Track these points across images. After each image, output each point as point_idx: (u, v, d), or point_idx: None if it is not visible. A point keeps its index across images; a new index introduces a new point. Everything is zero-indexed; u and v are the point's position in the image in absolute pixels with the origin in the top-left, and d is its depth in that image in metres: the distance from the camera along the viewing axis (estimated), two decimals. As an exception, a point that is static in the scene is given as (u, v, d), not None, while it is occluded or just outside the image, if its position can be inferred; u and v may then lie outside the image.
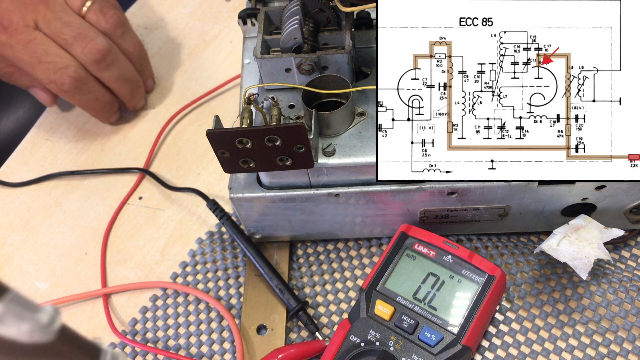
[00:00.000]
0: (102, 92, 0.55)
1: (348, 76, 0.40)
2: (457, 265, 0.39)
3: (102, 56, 0.52)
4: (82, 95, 0.54)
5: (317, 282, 0.46)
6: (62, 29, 0.52)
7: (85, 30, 0.52)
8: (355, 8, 0.39)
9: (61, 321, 0.18)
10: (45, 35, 0.52)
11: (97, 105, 0.56)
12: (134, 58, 0.57)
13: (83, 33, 0.52)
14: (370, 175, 0.40)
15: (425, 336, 0.37)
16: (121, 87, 0.56)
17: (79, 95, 0.54)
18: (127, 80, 0.56)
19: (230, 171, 0.39)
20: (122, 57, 0.55)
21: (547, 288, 0.43)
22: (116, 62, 0.54)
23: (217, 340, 0.44)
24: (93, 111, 0.57)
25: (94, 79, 0.54)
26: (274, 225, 0.45)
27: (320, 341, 0.42)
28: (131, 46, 0.57)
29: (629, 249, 0.44)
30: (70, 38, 0.52)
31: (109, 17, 0.54)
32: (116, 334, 0.45)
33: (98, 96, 0.55)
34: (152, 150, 0.57)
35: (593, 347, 0.40)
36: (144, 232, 0.52)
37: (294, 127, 0.35)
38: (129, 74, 0.56)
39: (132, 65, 0.57)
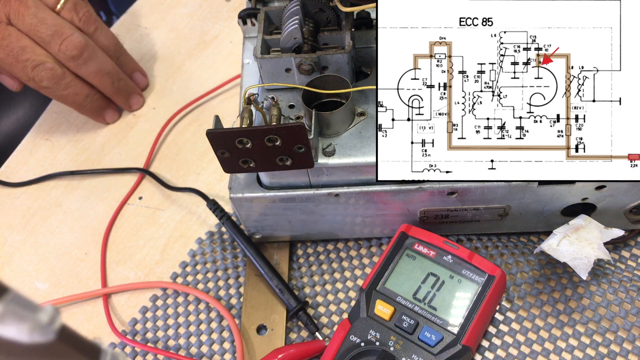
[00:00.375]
0: (81, 87, 0.55)
1: (348, 76, 0.40)
2: (457, 265, 0.39)
3: (79, 52, 0.53)
4: (61, 91, 0.54)
5: (317, 282, 0.46)
6: (38, 26, 0.52)
7: (61, 28, 0.52)
8: (355, 8, 0.39)
9: (61, 321, 0.18)
10: (19, 31, 0.52)
11: (78, 99, 0.56)
12: (111, 52, 0.58)
13: (59, 31, 0.52)
14: (370, 175, 0.40)
15: (425, 336, 0.37)
16: (101, 81, 0.56)
17: (58, 92, 0.54)
18: (107, 73, 0.56)
19: (230, 171, 0.39)
20: (99, 51, 0.55)
21: (547, 288, 0.43)
22: (94, 57, 0.54)
23: (217, 340, 0.44)
24: (75, 106, 0.57)
25: (72, 74, 0.54)
26: (274, 225, 0.45)
27: (320, 341, 0.42)
28: (106, 40, 0.57)
29: (629, 249, 0.44)
30: (46, 36, 0.52)
31: (82, 14, 0.55)
32: (116, 334, 0.45)
33: (76, 90, 0.55)
34: (152, 150, 0.57)
35: (593, 347, 0.40)
36: (144, 232, 0.52)
37: (294, 127, 0.35)
38: (107, 68, 0.56)
39: (110, 59, 0.57)
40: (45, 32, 0.52)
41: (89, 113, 0.58)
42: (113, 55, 0.58)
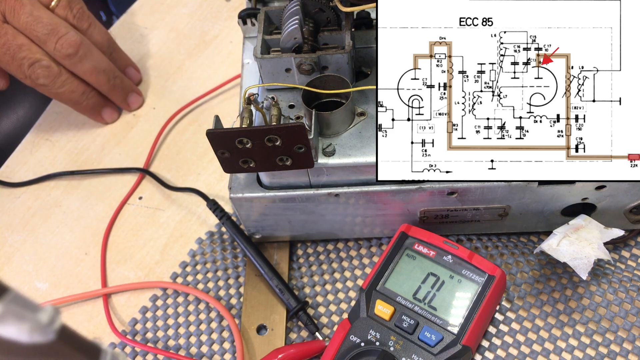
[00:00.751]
0: (77, 84, 0.56)
1: (348, 76, 0.40)
2: (457, 265, 0.39)
3: (75, 50, 0.53)
4: (57, 89, 0.54)
5: (317, 282, 0.46)
6: (33, 25, 0.52)
7: (57, 26, 0.52)
8: (355, 8, 0.39)
9: (61, 321, 0.18)
10: (15, 29, 0.52)
11: (74, 96, 0.56)
12: (104, 48, 0.58)
13: (55, 29, 0.52)
14: (370, 175, 0.40)
15: (425, 336, 0.37)
16: (97, 78, 0.56)
17: (55, 89, 0.54)
18: (103, 71, 0.56)
19: (230, 171, 0.39)
20: (94, 49, 0.56)
21: (547, 288, 0.43)
22: (89, 55, 0.55)
23: (217, 340, 0.44)
24: (71, 103, 0.57)
25: (68, 72, 0.55)
26: (274, 225, 0.45)
27: (320, 341, 0.42)
28: (99, 36, 0.57)
29: (629, 249, 0.44)
30: (42, 35, 0.52)
31: (76, 11, 0.55)
32: (116, 334, 0.45)
33: (72, 88, 0.55)
34: (152, 150, 0.57)
35: (593, 347, 0.40)
36: (144, 232, 0.52)
37: (294, 127, 0.35)
38: (103, 65, 0.56)
39: (104, 55, 0.57)
40: (41, 31, 0.52)
41: (86, 111, 0.58)
42: (106, 52, 0.58)
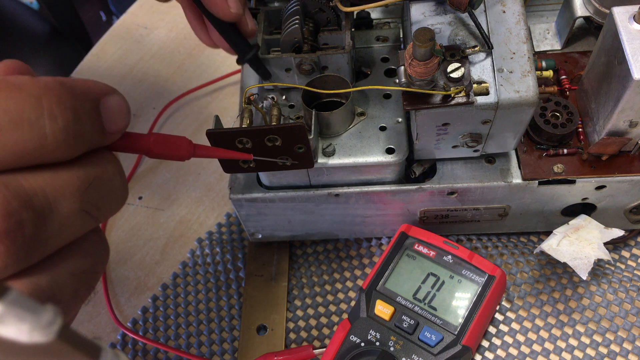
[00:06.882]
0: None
1: (348, 76, 0.40)
2: (457, 266, 0.39)
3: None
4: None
5: (317, 282, 0.46)
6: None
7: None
8: (355, 8, 0.39)
9: (61, 321, 0.18)
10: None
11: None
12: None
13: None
14: (370, 175, 0.40)
15: (425, 336, 0.37)
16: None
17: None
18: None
19: (230, 171, 0.39)
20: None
21: (547, 288, 0.43)
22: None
23: (217, 340, 0.44)
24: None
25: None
26: (274, 225, 0.45)
27: (307, 346, 0.41)
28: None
29: (629, 249, 0.44)
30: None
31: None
32: (121, 328, 0.45)
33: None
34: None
35: (593, 347, 0.40)
36: (144, 232, 0.52)
37: (294, 127, 0.35)
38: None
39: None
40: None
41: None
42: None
